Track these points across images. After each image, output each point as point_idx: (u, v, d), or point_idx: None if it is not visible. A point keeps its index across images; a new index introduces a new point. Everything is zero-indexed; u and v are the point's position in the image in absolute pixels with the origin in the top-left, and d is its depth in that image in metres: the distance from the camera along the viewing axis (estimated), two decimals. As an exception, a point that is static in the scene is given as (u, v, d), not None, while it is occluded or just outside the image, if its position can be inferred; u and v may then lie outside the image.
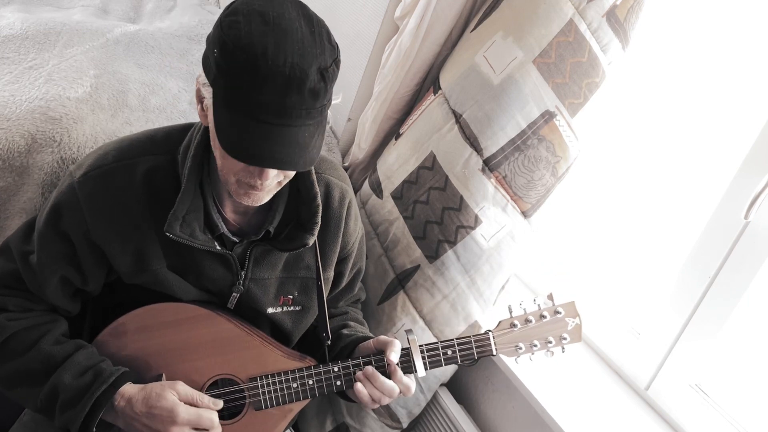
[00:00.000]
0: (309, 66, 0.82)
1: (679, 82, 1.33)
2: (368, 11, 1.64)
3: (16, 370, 0.99)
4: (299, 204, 1.06)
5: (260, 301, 1.10)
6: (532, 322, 1.10)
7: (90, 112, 1.36)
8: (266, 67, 0.80)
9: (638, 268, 1.43)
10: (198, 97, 0.95)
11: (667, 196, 1.36)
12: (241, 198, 0.96)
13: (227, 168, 0.93)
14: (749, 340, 1.18)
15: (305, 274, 1.13)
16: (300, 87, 0.82)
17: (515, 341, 1.10)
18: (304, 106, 0.84)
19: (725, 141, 1.23)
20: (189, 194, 0.98)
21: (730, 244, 1.14)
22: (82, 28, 1.62)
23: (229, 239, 1.05)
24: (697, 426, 1.20)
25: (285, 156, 0.85)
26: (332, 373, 1.07)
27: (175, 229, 0.97)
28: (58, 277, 1.02)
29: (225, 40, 0.83)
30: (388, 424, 1.46)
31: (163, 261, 1.03)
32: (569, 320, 1.11)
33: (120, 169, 1.00)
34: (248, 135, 0.83)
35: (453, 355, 1.09)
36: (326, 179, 1.12)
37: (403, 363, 1.07)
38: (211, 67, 0.86)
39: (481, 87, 1.31)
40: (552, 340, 1.11)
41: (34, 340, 1.00)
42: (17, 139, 1.28)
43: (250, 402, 1.07)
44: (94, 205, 0.99)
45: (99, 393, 0.95)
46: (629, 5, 1.21)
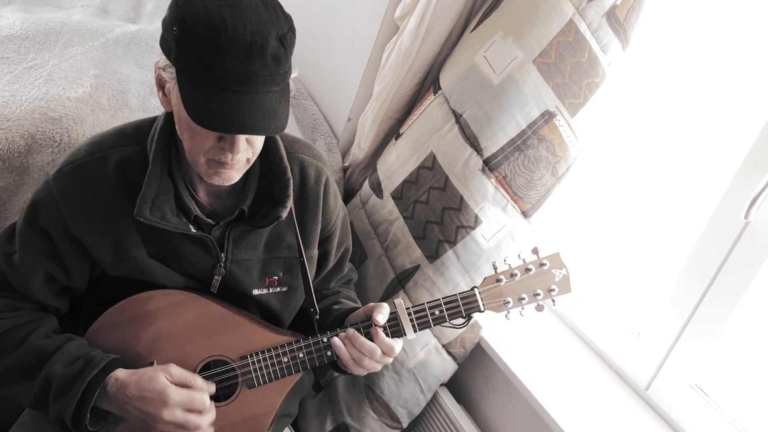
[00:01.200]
0: (268, 32, 0.85)
1: (679, 82, 1.33)
2: (368, 11, 1.64)
3: (8, 368, 1.00)
4: (272, 182, 1.08)
5: (244, 283, 1.11)
6: (517, 275, 1.09)
7: (90, 113, 1.36)
8: (227, 37, 0.83)
9: (638, 268, 1.43)
10: (158, 83, 0.96)
11: (667, 196, 1.36)
12: (211, 178, 0.97)
13: (196, 148, 0.94)
14: (749, 340, 1.18)
15: (288, 254, 1.14)
16: (262, 53, 0.84)
17: (502, 296, 1.09)
18: (267, 72, 0.86)
19: (725, 141, 1.23)
20: (155, 177, 1.00)
21: (730, 244, 1.14)
22: (82, 28, 1.61)
23: (205, 222, 1.07)
24: (697, 426, 1.20)
25: (255, 122, 0.87)
26: (321, 344, 1.07)
27: (144, 212, 0.98)
28: (41, 273, 1.04)
29: (183, 16, 0.85)
30: (388, 424, 1.46)
31: (143, 248, 1.04)
32: (556, 272, 1.09)
33: (92, 162, 1.02)
34: (217, 105, 0.85)
35: (441, 314, 1.08)
36: (300, 158, 1.14)
37: (392, 327, 1.07)
38: (171, 47, 0.88)
39: (481, 87, 1.31)
40: (540, 293, 1.09)
41: (23, 336, 1.01)
42: (17, 139, 1.28)
43: (243, 380, 1.07)
44: (69, 199, 1.01)
45: (90, 378, 0.96)
46: (629, 5, 1.21)
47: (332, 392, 1.52)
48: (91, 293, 1.12)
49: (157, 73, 0.95)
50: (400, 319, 1.07)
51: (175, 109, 0.95)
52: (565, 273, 1.10)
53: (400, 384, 1.43)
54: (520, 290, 1.09)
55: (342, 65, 1.76)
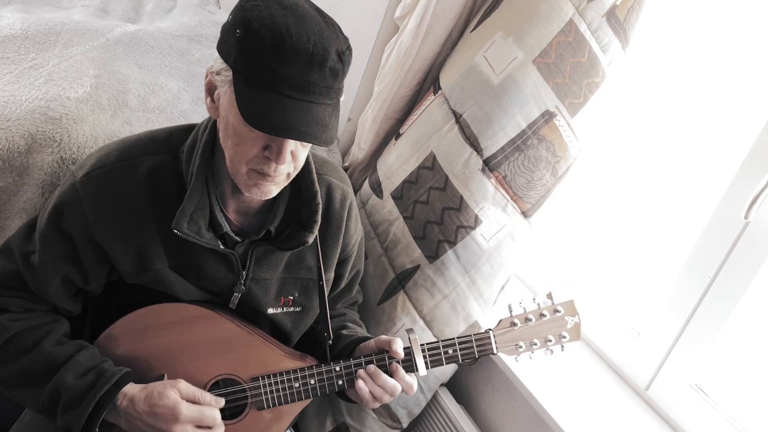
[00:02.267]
0: (329, 46, 0.86)
1: (679, 82, 1.33)
2: (368, 11, 1.64)
3: (18, 371, 0.99)
4: (300, 204, 1.07)
5: (261, 302, 1.11)
6: (532, 321, 1.11)
7: (90, 112, 1.36)
8: (291, 43, 0.83)
9: (638, 268, 1.43)
10: (208, 89, 0.95)
11: (667, 196, 1.36)
12: (250, 190, 0.96)
13: (239, 156, 0.93)
14: (749, 341, 1.18)
15: (306, 275, 1.14)
16: (322, 64, 0.85)
17: (515, 340, 1.11)
18: (324, 83, 0.87)
19: (725, 141, 1.23)
20: (197, 192, 0.99)
21: (730, 244, 1.14)
22: (82, 28, 1.61)
23: (231, 239, 1.06)
24: (697, 426, 1.20)
25: (308, 129, 0.86)
26: (334, 373, 1.07)
27: (182, 226, 0.97)
28: (60, 276, 1.02)
29: (249, 19, 0.85)
30: (388, 424, 1.46)
31: (165, 261, 1.03)
32: (569, 319, 1.11)
33: (122, 169, 1.00)
34: (272, 108, 0.85)
35: (454, 354, 1.09)
36: (328, 180, 1.13)
37: (404, 362, 1.07)
38: (231, 50, 0.88)
39: (481, 87, 1.31)
40: (552, 339, 1.11)
41: (35, 340, 1.00)
42: (17, 139, 1.28)
43: (253, 402, 1.07)
44: (96, 205, 0.99)
45: (102, 393, 0.95)
46: (629, 5, 1.21)
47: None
48: (103, 296, 1.12)
49: (209, 78, 0.94)
50: (413, 354, 1.07)
51: (223, 115, 0.93)
52: (577, 321, 1.12)
53: (400, 384, 1.43)
54: (533, 335, 1.11)
55: (342, 65, 1.76)
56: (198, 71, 1.70)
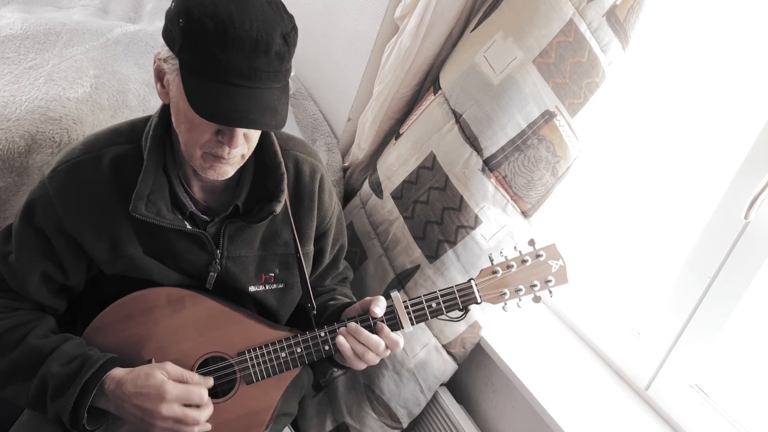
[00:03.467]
0: (273, 30, 0.86)
1: (679, 82, 1.33)
2: (368, 11, 1.64)
3: (6, 368, 1.01)
4: (266, 177, 1.08)
5: (240, 280, 1.11)
6: (513, 267, 1.08)
7: (90, 113, 1.36)
8: (234, 32, 0.84)
9: (638, 268, 1.43)
10: (157, 75, 0.97)
11: (667, 196, 1.36)
12: (206, 172, 0.97)
13: (192, 141, 0.94)
14: (749, 340, 1.18)
15: (284, 251, 1.14)
16: (267, 50, 0.86)
17: (499, 287, 1.08)
18: (271, 68, 0.88)
19: (725, 141, 1.23)
20: (150, 173, 1.00)
21: (730, 244, 1.14)
22: (82, 28, 1.61)
23: (200, 218, 1.07)
24: (697, 426, 1.21)
25: (257, 116, 0.88)
26: (319, 338, 1.07)
27: (140, 208, 0.99)
28: (38, 273, 1.04)
29: (190, 8, 0.86)
30: (388, 424, 1.46)
31: (138, 246, 1.05)
32: (552, 263, 1.09)
33: (87, 161, 1.02)
34: (220, 98, 0.86)
35: (438, 306, 1.08)
36: (294, 155, 1.14)
37: (389, 321, 1.07)
38: (176, 38, 0.88)
39: (481, 87, 1.31)
40: (537, 284, 1.09)
41: (21, 336, 1.01)
42: (17, 139, 1.28)
43: (241, 376, 1.07)
44: (64, 198, 1.01)
45: (87, 377, 0.96)
46: (629, 5, 1.21)
47: (332, 392, 1.52)
48: (89, 293, 1.12)
49: (157, 64, 0.95)
50: (397, 312, 1.07)
51: (173, 101, 0.95)
52: (562, 264, 1.10)
53: (400, 384, 1.43)
54: (516, 281, 1.09)
55: (342, 65, 1.76)
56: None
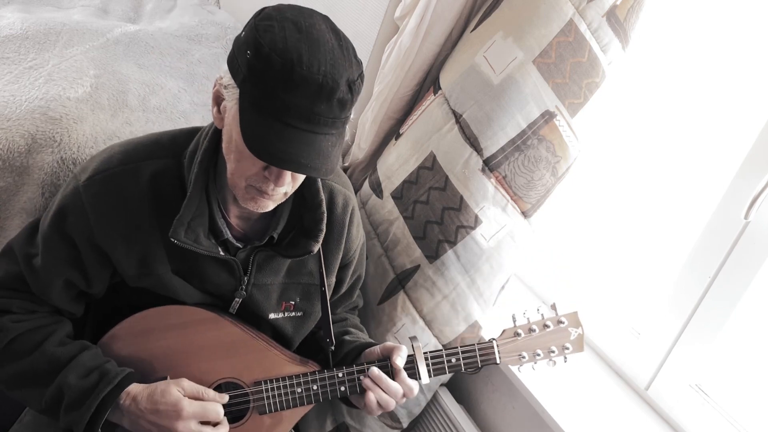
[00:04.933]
0: (340, 77, 0.84)
1: (679, 82, 1.33)
2: (368, 11, 1.64)
3: (21, 372, 1.00)
4: (303, 210, 1.07)
5: (262, 307, 1.11)
6: (535, 331, 1.11)
7: (90, 112, 1.36)
8: (301, 73, 0.82)
9: (638, 268, 1.43)
10: (216, 99, 0.95)
11: (667, 196, 1.36)
12: (247, 203, 0.96)
13: (240, 172, 0.93)
14: (749, 340, 1.18)
15: (308, 281, 1.14)
16: (330, 96, 0.84)
17: (519, 350, 1.11)
18: (331, 114, 0.86)
19: (725, 141, 1.23)
20: (195, 200, 0.99)
21: (730, 244, 1.14)
22: (82, 28, 1.62)
23: (233, 245, 1.06)
24: (697, 426, 1.20)
25: (309, 161, 0.86)
26: (336, 379, 1.07)
27: (179, 234, 0.97)
28: (62, 280, 1.02)
29: (260, 42, 0.83)
30: (388, 424, 1.46)
31: (168, 265, 1.03)
32: (572, 330, 1.11)
33: (125, 173, 1.00)
34: (275, 137, 0.85)
35: (457, 363, 1.10)
36: (330, 185, 1.13)
37: (407, 369, 1.08)
38: (240, 69, 0.86)
39: (481, 87, 1.31)
40: (555, 350, 1.11)
41: (38, 341, 1.00)
42: (17, 139, 1.28)
43: (255, 406, 1.07)
44: (98, 209, 0.99)
45: (105, 393, 0.95)
46: (629, 5, 1.20)
47: (332, 392, 1.52)
48: (106, 299, 1.12)
49: (217, 88, 0.93)
50: (416, 362, 1.08)
51: (227, 129, 0.93)
52: (581, 332, 1.12)
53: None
54: (536, 346, 1.11)
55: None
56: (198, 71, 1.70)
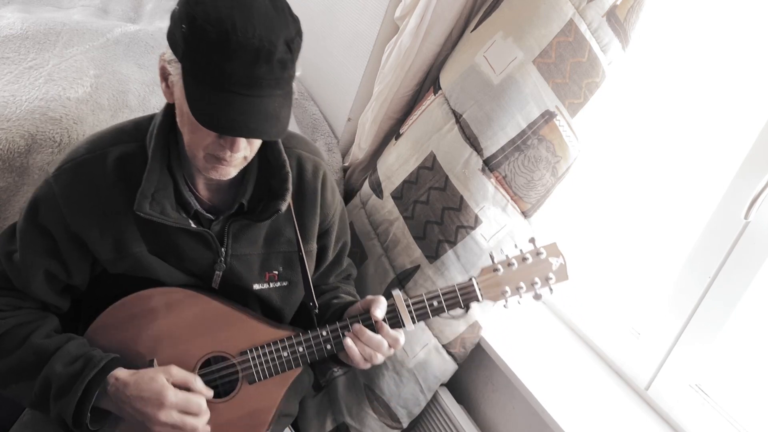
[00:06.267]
0: (277, 38, 0.85)
1: (679, 82, 1.33)
2: (368, 11, 1.64)
3: (9, 367, 1.01)
4: (270, 176, 1.08)
5: (244, 278, 1.11)
6: (515, 265, 1.09)
7: (90, 113, 1.36)
8: (236, 40, 0.83)
9: (638, 268, 1.43)
10: (162, 75, 0.97)
11: (667, 196, 1.36)
12: (209, 172, 0.98)
13: (196, 142, 0.95)
14: (749, 340, 1.18)
15: (287, 249, 1.14)
16: (269, 58, 0.85)
17: (500, 285, 1.09)
18: (273, 76, 0.87)
19: (725, 141, 1.23)
20: (155, 172, 1.01)
21: (730, 244, 1.14)
22: (82, 28, 1.61)
23: (205, 217, 1.07)
24: (697, 426, 1.20)
25: (257, 125, 0.87)
26: (321, 338, 1.08)
27: (144, 207, 0.99)
28: (42, 271, 1.04)
29: (193, 15, 0.85)
30: (388, 424, 1.46)
31: (143, 245, 1.05)
32: (553, 260, 1.09)
33: (92, 160, 1.03)
34: (221, 106, 0.86)
35: (439, 305, 1.08)
36: (297, 153, 1.14)
37: (391, 319, 1.08)
38: (179, 43, 0.88)
39: (481, 87, 1.31)
40: (537, 281, 1.09)
41: (25, 335, 1.01)
42: (17, 139, 1.28)
43: (244, 376, 1.07)
44: (69, 196, 1.02)
45: (90, 377, 0.96)
46: (629, 5, 1.21)
47: (332, 392, 1.52)
48: (93, 292, 1.13)
49: (162, 64, 0.95)
50: (398, 311, 1.07)
51: (177, 103, 0.95)
52: (562, 261, 1.10)
53: (400, 384, 1.43)
54: (517, 279, 1.09)
55: (342, 65, 1.76)
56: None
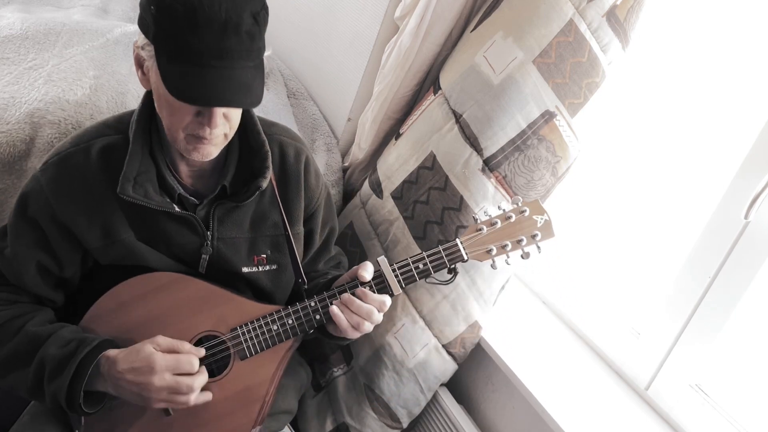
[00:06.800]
0: (242, 10, 0.89)
1: (679, 82, 1.33)
2: (368, 11, 1.64)
3: (5, 357, 1.02)
4: (251, 158, 1.10)
5: (232, 261, 1.13)
6: (498, 224, 1.09)
7: (89, 117, 1.37)
8: (203, 14, 0.86)
9: (638, 268, 1.43)
10: (137, 62, 1.00)
11: (667, 196, 1.36)
12: (191, 154, 1.00)
13: (175, 124, 0.97)
14: (749, 340, 1.18)
15: (274, 232, 1.16)
16: (237, 29, 0.88)
17: (485, 244, 1.09)
18: (242, 47, 0.90)
19: (725, 141, 1.23)
20: (137, 156, 1.03)
21: (730, 244, 1.14)
22: (82, 28, 1.61)
23: (189, 201, 1.09)
24: (697, 426, 1.21)
25: (231, 96, 0.90)
26: (310, 308, 1.09)
27: (127, 190, 1.01)
28: (33, 264, 1.06)
29: None
30: (388, 424, 1.46)
31: (130, 231, 1.07)
32: (537, 218, 1.10)
33: (77, 152, 1.05)
34: (194, 80, 0.89)
35: (425, 267, 1.08)
36: (278, 139, 1.17)
37: (378, 285, 1.09)
38: (149, 25, 0.91)
39: (481, 87, 1.31)
40: (523, 239, 1.09)
41: (20, 326, 1.03)
42: (17, 142, 1.29)
43: (235, 352, 1.08)
44: (56, 188, 1.04)
45: (82, 355, 0.97)
46: (629, 5, 1.20)
47: (332, 392, 1.52)
48: (87, 286, 1.14)
49: (136, 52, 0.98)
50: (385, 276, 1.08)
51: (154, 87, 0.98)
52: (547, 218, 1.10)
53: (400, 384, 1.43)
54: (502, 238, 1.09)
55: (342, 65, 1.76)
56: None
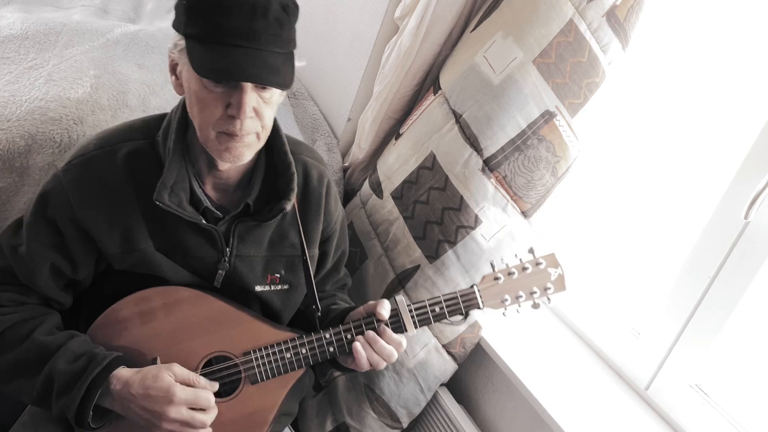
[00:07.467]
0: None
1: (679, 82, 1.33)
2: (368, 11, 1.64)
3: (12, 363, 1.01)
4: (276, 178, 1.10)
5: (247, 279, 1.12)
6: (514, 274, 1.11)
7: (90, 113, 1.36)
8: None
9: (638, 268, 1.43)
10: (172, 68, 1.01)
11: (667, 196, 1.36)
12: (222, 155, 0.99)
13: (206, 120, 0.96)
14: (749, 340, 1.18)
15: (290, 252, 1.16)
16: (265, 13, 0.90)
17: (500, 293, 1.11)
18: (270, 31, 0.91)
19: (725, 141, 1.23)
20: (176, 164, 1.03)
21: (730, 244, 1.14)
22: (82, 28, 1.61)
23: (213, 215, 1.08)
24: (697, 426, 1.21)
25: (259, 72, 0.91)
26: (324, 340, 1.08)
27: (164, 197, 1.00)
28: (48, 265, 1.04)
29: None
30: (388, 424, 1.46)
31: (150, 241, 1.05)
32: (551, 270, 1.12)
33: (102, 155, 1.04)
34: (220, 58, 0.90)
35: (441, 311, 1.10)
36: (303, 159, 1.17)
37: (393, 323, 1.09)
38: (181, 19, 0.93)
39: (481, 87, 1.31)
40: (536, 291, 1.12)
41: (27, 332, 1.02)
42: (17, 139, 1.28)
43: (246, 376, 1.08)
44: (78, 190, 1.02)
45: (93, 375, 0.96)
46: (629, 5, 1.21)
47: (332, 392, 1.52)
48: (95, 288, 1.13)
49: (170, 57, 0.99)
50: (401, 315, 1.08)
51: (186, 86, 0.98)
52: (561, 272, 1.13)
53: (400, 384, 1.43)
54: (517, 288, 1.11)
55: (342, 65, 1.76)
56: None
